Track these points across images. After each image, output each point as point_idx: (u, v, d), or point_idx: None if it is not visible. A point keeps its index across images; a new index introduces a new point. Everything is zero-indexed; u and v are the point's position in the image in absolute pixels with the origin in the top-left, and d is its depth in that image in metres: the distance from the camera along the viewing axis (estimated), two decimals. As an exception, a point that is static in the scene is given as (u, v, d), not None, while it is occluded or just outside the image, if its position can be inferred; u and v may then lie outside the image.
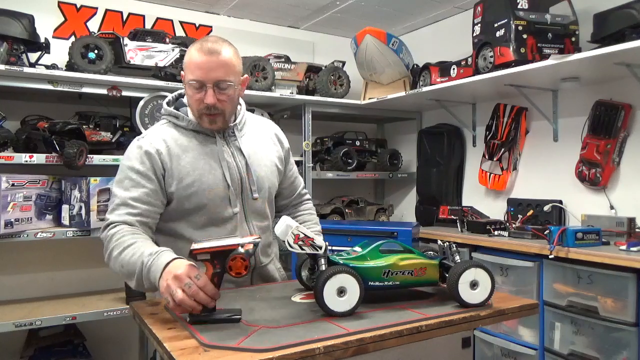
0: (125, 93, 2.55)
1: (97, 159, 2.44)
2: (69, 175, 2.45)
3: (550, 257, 2.17)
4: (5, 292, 2.64)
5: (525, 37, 2.36)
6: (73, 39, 2.72)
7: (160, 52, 2.69)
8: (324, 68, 3.24)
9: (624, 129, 2.42)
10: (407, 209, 3.77)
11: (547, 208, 2.60)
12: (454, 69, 2.83)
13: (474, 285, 1.24)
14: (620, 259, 1.95)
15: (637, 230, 2.28)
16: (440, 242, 1.40)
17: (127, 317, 2.40)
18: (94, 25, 2.95)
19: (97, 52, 2.47)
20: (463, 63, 2.77)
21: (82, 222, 2.37)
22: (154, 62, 2.67)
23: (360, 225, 2.78)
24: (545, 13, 2.42)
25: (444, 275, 1.30)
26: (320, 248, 1.23)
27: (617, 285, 2.02)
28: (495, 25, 2.45)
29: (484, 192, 3.17)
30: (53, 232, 2.35)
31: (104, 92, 2.50)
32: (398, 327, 1.10)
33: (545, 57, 2.26)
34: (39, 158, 2.29)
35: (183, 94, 1.60)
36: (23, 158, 2.26)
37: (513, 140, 2.93)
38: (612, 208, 2.46)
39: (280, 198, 1.78)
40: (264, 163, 1.63)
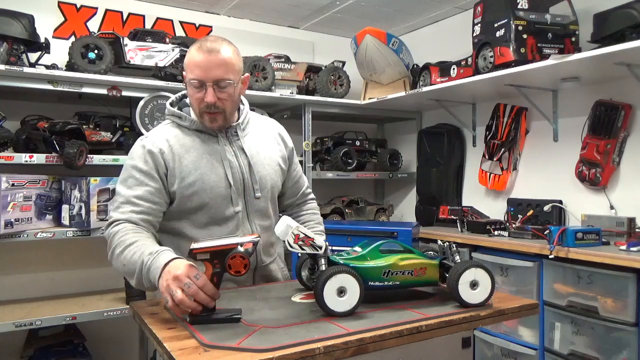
0: (125, 93, 2.55)
1: (97, 159, 2.44)
2: (69, 175, 2.45)
3: (550, 257, 2.17)
4: (5, 292, 2.64)
5: (525, 37, 2.36)
6: (73, 39, 2.72)
7: (160, 52, 2.69)
8: (324, 68, 3.24)
9: (624, 129, 2.42)
10: (407, 209, 3.77)
11: (547, 208, 2.60)
12: (454, 69, 2.83)
13: (474, 285, 1.24)
14: (620, 259, 1.95)
15: (637, 230, 2.28)
16: (440, 242, 1.40)
17: (127, 317, 2.40)
18: (94, 25, 2.95)
19: (97, 52, 2.47)
20: (463, 63, 2.77)
21: (82, 222, 2.37)
22: (154, 62, 2.67)
23: (360, 225, 2.78)
24: (545, 13, 2.42)
25: (444, 275, 1.30)
26: (320, 248, 1.23)
27: (617, 285, 2.02)
28: (495, 25, 2.45)
29: (484, 192, 3.17)
30: (53, 232, 2.35)
31: (104, 92, 2.50)
32: (398, 327, 1.10)
33: (545, 57, 2.26)
34: (39, 158, 2.29)
35: (186, 95, 1.61)
36: (23, 158, 2.26)
37: (513, 140, 2.93)
38: (612, 208, 2.46)
39: (284, 198, 1.79)
40: (267, 162, 1.63)
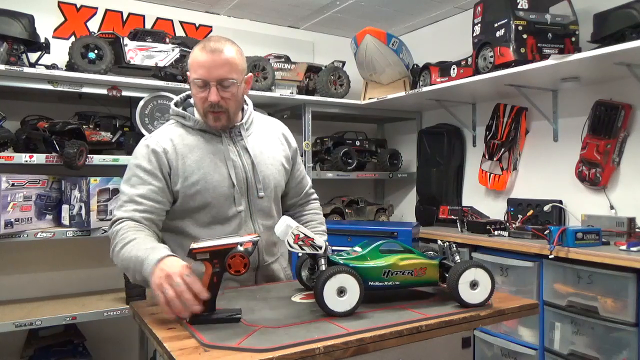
0: (125, 93, 2.55)
1: (97, 159, 2.44)
2: (69, 175, 2.45)
3: (550, 257, 2.17)
4: (5, 292, 2.64)
5: (525, 37, 2.36)
6: (73, 39, 2.72)
7: (160, 52, 2.69)
8: (324, 68, 3.24)
9: (624, 129, 2.42)
10: (407, 209, 3.77)
11: (547, 208, 2.60)
12: (454, 69, 2.83)
13: (474, 285, 1.24)
14: (620, 259, 1.95)
15: (637, 230, 2.28)
16: (440, 242, 1.40)
17: (127, 317, 2.40)
18: (94, 25, 2.95)
19: (97, 52, 2.47)
20: (463, 63, 2.77)
21: (82, 222, 2.37)
22: (154, 62, 2.67)
23: (360, 225, 2.79)
24: (545, 13, 2.42)
25: (444, 275, 1.30)
26: (320, 248, 1.23)
27: (617, 285, 2.02)
28: (495, 25, 2.45)
29: (484, 192, 3.17)
30: (53, 232, 2.34)
31: (104, 92, 2.50)
32: (398, 327, 1.10)
33: (545, 57, 2.26)
34: (39, 158, 2.29)
35: (190, 95, 1.62)
36: (23, 158, 2.26)
37: (513, 140, 2.93)
38: (612, 208, 2.46)
39: (288, 197, 1.79)
40: (270, 162, 1.64)
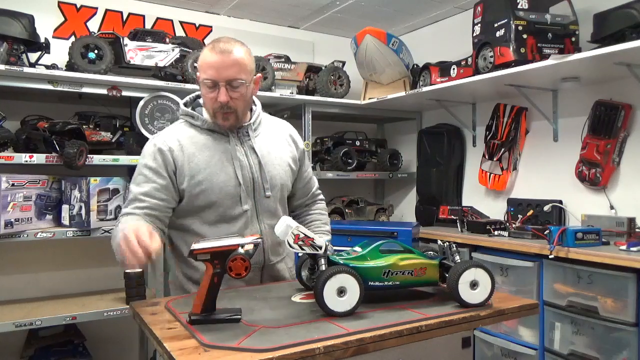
0: (125, 93, 2.55)
1: (97, 159, 2.44)
2: (69, 175, 2.45)
3: (550, 257, 2.17)
4: (5, 292, 2.64)
5: (525, 37, 2.36)
6: (73, 39, 2.72)
7: (160, 52, 2.69)
8: (324, 68, 3.24)
9: (624, 129, 2.42)
10: (407, 209, 3.77)
11: (547, 208, 2.60)
12: (454, 69, 2.83)
13: (474, 285, 1.24)
14: (620, 259, 1.95)
15: (637, 230, 2.28)
16: (440, 242, 1.40)
17: (127, 317, 2.40)
18: (94, 25, 2.95)
19: (97, 52, 2.47)
20: (463, 63, 2.77)
21: (82, 222, 2.37)
22: (154, 62, 2.67)
23: (360, 225, 2.78)
24: (545, 13, 2.42)
25: (444, 275, 1.30)
26: (320, 248, 1.23)
27: (617, 285, 2.02)
28: (495, 25, 2.45)
29: (484, 192, 3.17)
30: (53, 232, 2.34)
31: (104, 92, 2.50)
32: (398, 327, 1.10)
33: (545, 57, 2.26)
34: (39, 158, 2.29)
35: (200, 95, 1.64)
36: (23, 158, 2.26)
37: (513, 140, 2.93)
38: (612, 208, 2.46)
39: (295, 198, 1.81)
40: (277, 162, 1.66)
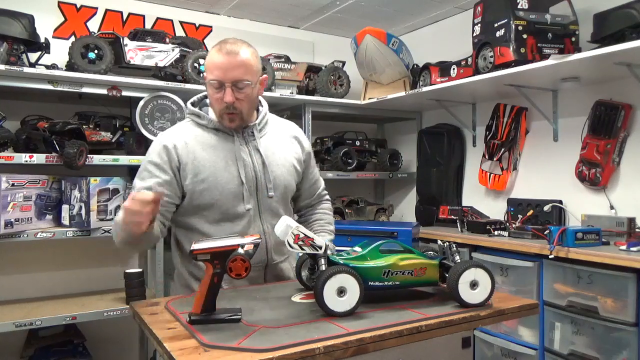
0: (125, 93, 2.55)
1: (97, 159, 2.44)
2: (69, 175, 2.45)
3: (550, 257, 2.17)
4: (5, 292, 2.64)
5: (525, 37, 2.36)
6: (73, 39, 2.72)
7: (160, 52, 2.69)
8: (324, 68, 3.24)
9: (624, 129, 2.42)
10: (407, 209, 3.77)
11: (547, 208, 2.60)
12: (454, 69, 2.83)
13: (474, 285, 1.24)
14: (620, 259, 1.95)
15: (637, 230, 2.28)
16: (440, 242, 1.40)
17: (127, 317, 2.40)
18: (94, 25, 2.95)
19: (97, 52, 2.47)
20: (463, 63, 2.77)
21: (82, 222, 2.38)
22: (154, 62, 2.67)
23: (360, 225, 2.78)
24: (545, 13, 2.42)
25: (444, 275, 1.30)
26: (320, 248, 1.23)
27: (617, 285, 2.02)
28: (495, 25, 2.45)
29: (484, 192, 3.17)
30: (53, 232, 2.34)
31: (104, 92, 2.50)
32: (398, 327, 1.10)
33: (545, 57, 2.26)
34: (39, 158, 2.29)
35: (207, 96, 1.65)
36: (23, 158, 2.26)
37: (513, 140, 2.93)
38: (612, 208, 2.46)
39: (301, 199, 1.83)
40: (282, 163, 1.66)
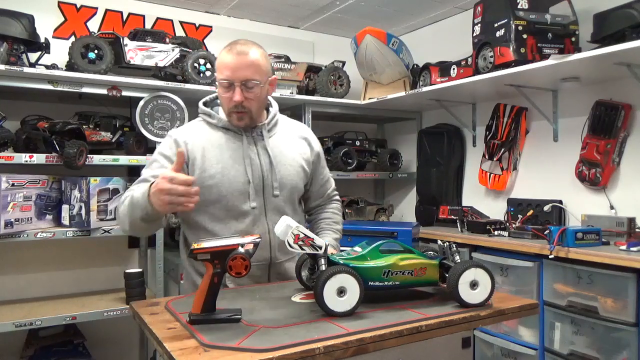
0: (125, 93, 2.55)
1: (97, 159, 2.44)
2: (69, 175, 2.45)
3: (550, 257, 2.17)
4: (5, 292, 2.64)
5: (525, 37, 2.36)
6: (73, 39, 2.72)
7: (160, 52, 2.69)
8: (324, 68, 3.24)
9: (624, 129, 2.42)
10: (407, 209, 3.77)
11: (547, 208, 2.60)
12: (454, 69, 2.83)
13: (474, 285, 1.24)
14: (620, 259, 1.95)
15: (637, 230, 2.28)
16: (440, 242, 1.40)
17: (127, 317, 2.40)
18: (94, 25, 2.95)
19: (97, 52, 2.47)
20: (463, 63, 2.77)
21: (82, 222, 2.38)
22: (154, 62, 2.67)
23: (360, 225, 2.78)
24: (545, 13, 2.42)
25: (444, 275, 1.30)
26: (320, 248, 1.23)
27: (617, 285, 2.02)
28: (495, 25, 2.45)
29: (484, 192, 3.17)
30: (53, 232, 2.35)
31: (104, 92, 2.50)
32: (398, 327, 1.10)
33: (545, 57, 2.26)
34: (39, 158, 2.29)
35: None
36: (23, 158, 2.26)
37: (513, 140, 2.93)
38: (612, 208, 2.46)
39: (311, 200, 1.85)
40: (289, 163, 1.68)
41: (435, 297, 1.34)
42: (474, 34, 2.64)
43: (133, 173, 2.76)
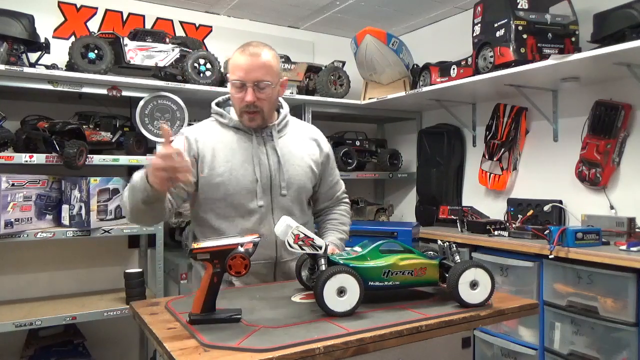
0: (125, 93, 2.55)
1: (97, 159, 2.44)
2: (69, 175, 2.45)
3: (550, 257, 2.17)
4: (5, 292, 2.64)
5: (525, 37, 2.36)
6: (73, 39, 2.72)
7: (160, 52, 2.69)
8: (324, 68, 3.24)
9: (624, 129, 2.42)
10: (407, 209, 3.77)
11: (547, 208, 2.60)
12: (454, 69, 2.83)
13: (474, 285, 1.24)
14: (620, 259, 1.95)
15: (637, 230, 2.28)
16: (440, 242, 1.40)
17: (127, 317, 2.40)
18: (94, 25, 2.95)
19: (97, 52, 2.47)
20: (463, 63, 2.77)
21: (82, 222, 2.38)
22: (154, 62, 2.67)
23: (360, 225, 2.78)
24: (545, 13, 2.42)
25: (444, 275, 1.30)
26: (320, 248, 1.23)
27: (617, 285, 2.02)
28: (495, 25, 2.45)
29: (484, 192, 3.17)
30: (53, 232, 2.35)
31: (104, 92, 2.50)
32: (398, 327, 1.10)
33: (545, 57, 2.26)
34: (39, 158, 2.29)
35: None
36: (23, 158, 2.26)
37: (513, 140, 2.93)
38: (612, 208, 2.46)
39: (319, 202, 1.86)
40: (298, 163, 1.70)
41: (435, 297, 1.35)
42: (474, 34, 2.64)
43: (133, 173, 2.75)
